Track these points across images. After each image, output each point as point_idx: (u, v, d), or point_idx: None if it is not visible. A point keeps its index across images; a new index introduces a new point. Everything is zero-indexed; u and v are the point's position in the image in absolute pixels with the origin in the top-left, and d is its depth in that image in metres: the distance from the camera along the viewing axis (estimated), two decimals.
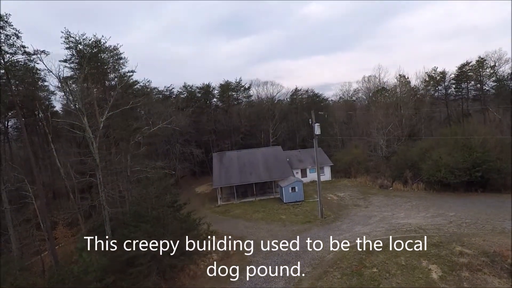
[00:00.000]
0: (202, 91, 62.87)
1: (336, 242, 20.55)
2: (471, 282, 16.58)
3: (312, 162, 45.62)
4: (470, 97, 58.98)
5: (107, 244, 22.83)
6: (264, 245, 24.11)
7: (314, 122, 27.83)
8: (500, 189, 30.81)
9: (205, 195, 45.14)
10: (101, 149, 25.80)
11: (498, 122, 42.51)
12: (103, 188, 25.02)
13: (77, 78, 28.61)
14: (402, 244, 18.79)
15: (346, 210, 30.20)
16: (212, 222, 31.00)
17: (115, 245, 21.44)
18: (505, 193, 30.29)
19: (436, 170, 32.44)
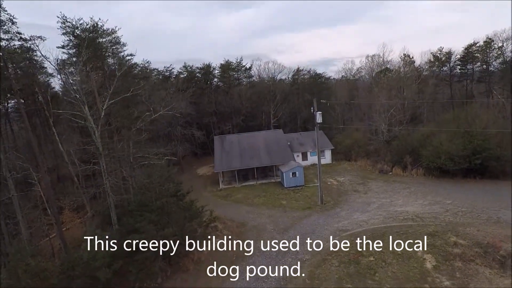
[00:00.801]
0: (203, 71, 61.90)
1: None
2: (463, 272, 17.34)
3: (313, 146, 45.85)
4: (475, 79, 58.00)
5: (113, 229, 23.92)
6: (265, 232, 24.95)
7: (315, 111, 27.62)
8: (499, 175, 31.21)
9: (207, 178, 45.83)
10: (104, 137, 25.92)
11: (501, 106, 42.14)
12: (107, 175, 25.45)
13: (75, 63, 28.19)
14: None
15: (346, 196, 30.82)
16: (215, 207, 31.80)
17: (121, 234, 22.34)
18: (503, 179, 30.75)
19: (436, 156, 32.69)
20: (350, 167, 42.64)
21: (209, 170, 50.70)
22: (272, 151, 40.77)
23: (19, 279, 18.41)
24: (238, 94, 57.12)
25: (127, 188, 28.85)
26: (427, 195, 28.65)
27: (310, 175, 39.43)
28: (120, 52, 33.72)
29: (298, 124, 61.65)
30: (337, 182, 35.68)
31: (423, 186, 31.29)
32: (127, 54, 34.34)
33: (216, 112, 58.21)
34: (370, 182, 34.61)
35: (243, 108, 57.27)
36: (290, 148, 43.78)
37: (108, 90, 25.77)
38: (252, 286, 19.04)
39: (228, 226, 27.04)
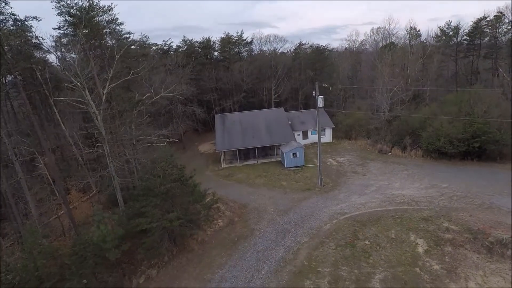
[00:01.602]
0: (202, 45, 60.33)
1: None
2: (452, 257, 18.40)
3: (314, 124, 45.98)
4: (482, 54, 56.59)
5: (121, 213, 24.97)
6: (266, 213, 25.99)
7: (317, 95, 27.48)
8: (496, 158, 31.72)
9: (208, 156, 46.52)
10: (106, 122, 26.09)
11: (506, 86, 41.62)
12: (111, 159, 25.99)
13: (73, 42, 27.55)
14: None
15: (345, 177, 31.58)
16: (217, 187, 32.85)
17: (128, 216, 23.36)
18: (500, 162, 31.30)
19: (436, 138, 32.98)
20: (350, 146, 43.12)
21: (211, 147, 51.32)
22: (273, 131, 41.02)
23: (35, 259, 19.60)
24: (239, 70, 56.11)
25: (131, 170, 29.55)
26: (424, 178, 29.36)
27: (311, 155, 40.04)
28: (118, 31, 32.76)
29: (299, 100, 61.25)
30: (336, 162, 36.32)
31: (420, 168, 31.92)
32: (124, 32, 33.42)
33: (217, 89, 57.61)
34: (369, 163, 35.23)
35: (244, 85, 56.60)
36: (291, 127, 43.99)
37: (108, 74, 25.54)
38: (253, 266, 20.22)
39: (230, 207, 28.06)
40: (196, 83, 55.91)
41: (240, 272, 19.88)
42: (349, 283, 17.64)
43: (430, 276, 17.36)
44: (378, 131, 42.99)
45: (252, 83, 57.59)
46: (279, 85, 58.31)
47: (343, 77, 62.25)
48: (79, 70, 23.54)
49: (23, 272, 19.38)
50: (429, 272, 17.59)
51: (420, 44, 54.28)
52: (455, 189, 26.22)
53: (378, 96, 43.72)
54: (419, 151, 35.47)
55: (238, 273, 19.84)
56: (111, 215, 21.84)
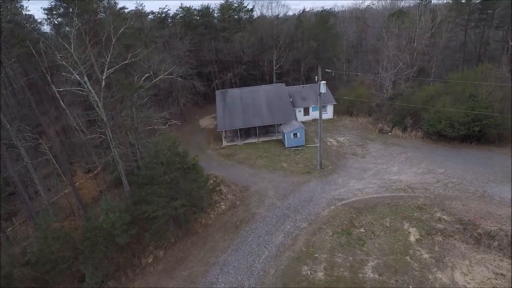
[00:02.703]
0: (201, 13, 57.55)
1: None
2: (442, 246, 19.57)
3: (315, 100, 45.54)
4: (494, 25, 54.11)
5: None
6: (266, 197, 26.99)
7: (319, 80, 27.00)
8: (495, 141, 31.99)
9: (209, 132, 46.75)
10: (107, 108, 26.00)
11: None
12: (113, 144, 26.37)
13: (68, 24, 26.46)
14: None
15: (344, 159, 32.15)
16: (219, 168, 33.71)
17: (135, 203, 24.34)
18: (499, 145, 31.61)
19: (437, 121, 32.97)
20: (351, 123, 43.16)
21: (212, 122, 51.37)
22: (275, 109, 40.80)
23: (50, 245, 20.89)
24: (240, 40, 54.10)
25: (135, 153, 30.01)
26: (422, 162, 29.91)
27: (311, 133, 40.29)
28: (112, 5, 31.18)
29: (301, 72, 59.85)
30: (337, 142, 36.69)
31: (419, 151, 32.34)
32: (119, 8, 31.75)
33: (217, 61, 56.07)
34: (369, 144, 35.59)
35: (245, 57, 54.95)
36: (292, 103, 43.63)
37: (106, 58, 24.91)
38: (254, 250, 21.55)
39: (232, 190, 29.04)
40: (195, 54, 54.33)
41: (242, 257, 21.25)
42: (343, 269, 18.99)
43: (419, 264, 18.64)
44: (380, 109, 42.75)
45: (253, 55, 55.88)
46: (280, 56, 56.63)
47: (347, 47, 60.10)
48: (76, 57, 23.01)
49: (40, 256, 20.78)
50: (419, 261, 18.85)
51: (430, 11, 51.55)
52: (451, 175, 26.90)
53: (382, 72, 42.75)
54: (419, 132, 35.63)
55: (240, 257, 21.22)
56: (118, 203, 22.76)
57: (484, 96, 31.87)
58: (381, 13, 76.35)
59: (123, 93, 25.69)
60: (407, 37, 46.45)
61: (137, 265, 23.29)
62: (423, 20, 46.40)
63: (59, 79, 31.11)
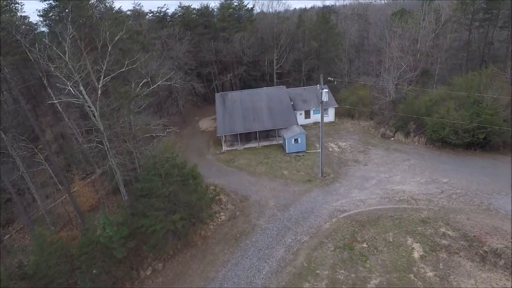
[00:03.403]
0: (200, 12, 56.53)
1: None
2: (447, 264, 19.12)
3: (316, 103, 44.88)
4: (498, 25, 53.13)
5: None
6: (267, 208, 26.52)
7: (321, 88, 26.33)
8: (499, 148, 31.42)
9: (209, 134, 46.17)
10: (103, 116, 25.40)
11: None
12: (111, 154, 25.82)
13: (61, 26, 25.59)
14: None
15: (346, 167, 31.60)
16: (218, 174, 33.21)
17: (133, 215, 23.86)
18: (503, 153, 31.05)
19: (441, 127, 32.34)
20: (352, 127, 42.55)
21: (212, 124, 50.74)
22: (275, 113, 40.15)
23: (46, 260, 20.50)
24: (240, 41, 53.17)
25: (133, 160, 29.46)
26: (425, 170, 29.37)
27: (312, 137, 39.70)
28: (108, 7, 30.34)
29: (302, 73, 58.97)
30: (338, 148, 36.11)
31: (422, 158, 31.78)
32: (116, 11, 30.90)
33: (217, 61, 55.21)
34: (371, 149, 35.01)
35: (245, 58, 54.08)
36: (293, 106, 42.97)
37: (102, 65, 24.23)
38: (255, 265, 21.15)
39: (232, 199, 28.57)
40: (194, 55, 53.48)
41: (242, 272, 20.85)
42: (345, 287, 18.58)
43: (423, 283, 18.21)
44: (382, 112, 42.06)
45: (253, 55, 54.98)
46: (281, 56, 55.74)
47: (349, 45, 59.13)
48: (71, 65, 22.32)
49: (37, 270, 20.44)
50: (423, 279, 18.43)
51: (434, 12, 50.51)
52: (455, 186, 26.38)
53: (385, 75, 41.97)
54: (422, 138, 35.02)
55: (240, 272, 20.82)
56: (116, 217, 22.29)
57: (489, 102, 31.20)
58: (383, 9, 75.26)
59: (120, 101, 25.07)
60: (411, 38, 45.56)
61: (135, 277, 22.95)
62: (427, 21, 45.45)
63: (55, 80, 30.45)
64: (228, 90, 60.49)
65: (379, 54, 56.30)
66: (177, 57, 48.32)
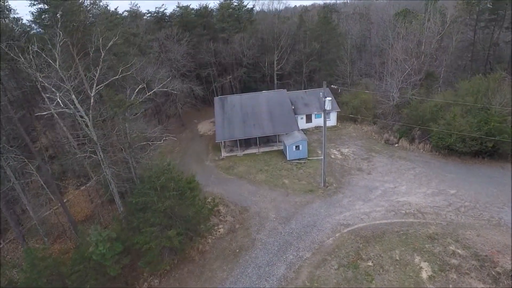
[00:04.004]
0: (199, 12, 55.25)
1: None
2: (457, 285, 18.13)
3: (318, 106, 43.80)
4: (504, 26, 51.87)
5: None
6: (267, 220, 25.51)
7: (325, 96, 25.23)
8: (507, 156, 30.37)
9: (208, 139, 45.09)
10: (97, 126, 24.35)
11: None
12: (105, 164, 24.80)
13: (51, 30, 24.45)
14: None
15: (349, 176, 30.56)
16: (217, 183, 32.19)
17: (128, 230, 22.86)
18: None
19: (447, 134, 31.25)
20: (355, 132, 41.46)
21: (211, 127, 49.66)
22: (276, 117, 39.05)
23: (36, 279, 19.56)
24: (239, 42, 51.93)
25: (129, 171, 28.42)
26: (431, 180, 28.32)
27: (314, 143, 38.65)
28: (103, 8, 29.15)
29: (303, 75, 57.80)
30: (341, 155, 35.05)
31: (428, 167, 30.73)
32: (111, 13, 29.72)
33: (216, 63, 54.00)
34: (375, 156, 33.94)
35: (245, 59, 52.86)
36: (294, 110, 41.88)
37: (95, 73, 23.13)
38: (255, 284, 20.19)
39: (231, 210, 27.57)
40: (193, 57, 52.28)
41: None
42: None
43: None
44: (386, 117, 40.97)
45: (253, 57, 53.75)
46: (281, 57, 54.54)
47: (351, 47, 57.85)
48: (62, 73, 21.24)
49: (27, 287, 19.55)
50: None
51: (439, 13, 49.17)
52: (463, 198, 25.35)
53: (388, 79, 40.83)
54: (427, 145, 33.95)
55: None
56: (110, 232, 21.28)
57: (498, 108, 30.11)
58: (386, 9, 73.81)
59: (114, 110, 23.98)
60: (415, 40, 44.32)
61: None
62: (432, 22, 44.18)
63: (50, 82, 29.35)
64: (228, 92, 59.41)
65: (381, 55, 55.11)
66: (175, 59, 47.13)
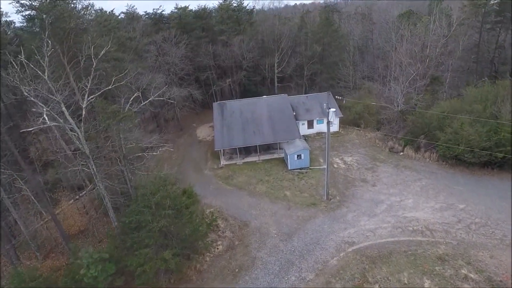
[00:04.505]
0: (197, 14, 53.90)
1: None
2: None
3: (320, 112, 42.60)
4: (510, 28, 50.53)
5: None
6: (268, 237, 24.38)
7: (328, 107, 24.03)
8: None
9: (207, 145, 43.90)
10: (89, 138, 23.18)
11: None
12: (98, 178, 23.63)
13: None
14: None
15: (353, 188, 29.40)
16: (216, 194, 31.05)
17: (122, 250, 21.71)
18: None
19: (455, 143, 30.05)
20: (358, 139, 40.26)
21: (210, 132, 48.47)
22: (277, 124, 37.84)
23: None
24: (239, 45, 50.63)
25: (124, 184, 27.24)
26: (439, 193, 27.17)
27: (316, 151, 37.47)
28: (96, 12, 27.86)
29: (304, 77, 56.46)
30: (344, 164, 33.87)
31: (435, 178, 29.57)
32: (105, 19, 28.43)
33: (215, 66, 52.70)
34: (380, 166, 32.77)
35: (245, 62, 51.57)
36: (295, 116, 40.68)
37: (86, 84, 21.92)
38: None
39: (230, 225, 26.44)
40: (191, 60, 51.00)
41: None
42: None
43: None
44: (390, 123, 39.76)
45: (253, 60, 52.46)
46: (282, 60, 53.24)
47: (353, 49, 56.50)
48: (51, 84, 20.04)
49: None
50: None
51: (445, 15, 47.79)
52: (473, 213, 24.20)
53: (393, 84, 39.58)
54: (434, 153, 32.77)
55: None
56: (101, 254, 20.15)
57: (508, 116, 28.91)
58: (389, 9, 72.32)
59: (107, 122, 22.79)
60: (420, 43, 42.99)
61: None
62: (438, 25, 42.83)
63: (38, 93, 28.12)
64: (227, 95, 58.17)
65: (384, 58, 53.80)
66: (173, 63, 45.87)
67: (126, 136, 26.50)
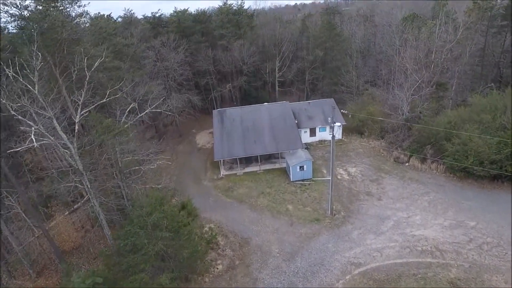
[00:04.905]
0: (197, 18, 52.77)
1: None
2: None
3: (322, 119, 41.54)
4: None
5: None
6: (270, 256, 23.35)
7: (333, 122, 22.96)
8: None
9: (207, 153, 42.84)
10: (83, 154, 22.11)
11: None
12: (92, 195, 22.59)
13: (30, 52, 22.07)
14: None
15: (357, 202, 28.35)
16: (215, 207, 30.06)
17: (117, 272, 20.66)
18: None
19: (463, 155, 29.01)
20: (362, 148, 39.17)
21: (209, 139, 47.42)
22: (278, 133, 36.78)
23: None
24: (239, 49, 49.52)
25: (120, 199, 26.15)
26: (448, 209, 26.13)
27: (318, 160, 36.41)
28: None
29: (306, 82, 55.38)
30: (348, 175, 32.82)
31: (443, 191, 28.54)
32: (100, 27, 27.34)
33: (215, 72, 51.59)
34: (385, 178, 31.74)
35: (245, 67, 50.46)
36: (297, 124, 39.59)
37: (79, 97, 20.86)
38: None
39: (230, 242, 25.39)
40: (190, 65, 49.92)
41: None
42: None
43: None
44: (394, 131, 38.68)
45: (254, 65, 51.36)
46: (283, 64, 52.16)
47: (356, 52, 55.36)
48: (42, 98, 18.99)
49: None
50: None
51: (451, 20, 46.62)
52: (485, 232, 23.15)
53: (397, 91, 38.48)
54: (441, 164, 31.70)
55: None
56: (94, 277, 19.11)
57: None
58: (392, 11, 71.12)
59: (102, 137, 21.75)
60: (425, 49, 41.86)
61: None
62: (444, 30, 41.70)
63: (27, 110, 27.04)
64: (227, 100, 57.15)
65: (387, 62, 52.68)
66: (172, 69, 44.80)
67: (122, 148, 25.44)
